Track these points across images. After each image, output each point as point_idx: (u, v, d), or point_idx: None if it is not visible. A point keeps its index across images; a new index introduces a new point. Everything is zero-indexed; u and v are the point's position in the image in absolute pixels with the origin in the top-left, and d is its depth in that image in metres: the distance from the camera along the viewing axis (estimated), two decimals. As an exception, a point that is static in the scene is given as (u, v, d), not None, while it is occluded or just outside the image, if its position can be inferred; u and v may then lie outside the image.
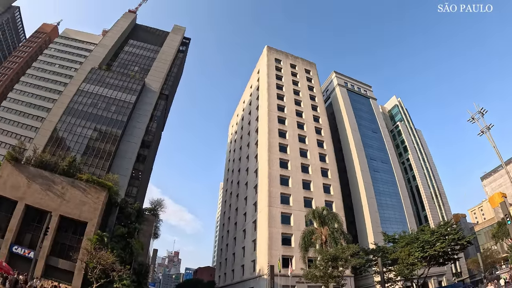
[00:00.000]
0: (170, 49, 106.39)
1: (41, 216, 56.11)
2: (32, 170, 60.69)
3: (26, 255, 52.40)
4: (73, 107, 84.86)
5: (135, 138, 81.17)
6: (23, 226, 56.69)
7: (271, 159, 72.24)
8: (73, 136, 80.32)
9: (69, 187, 58.12)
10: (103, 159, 76.56)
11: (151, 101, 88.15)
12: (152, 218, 70.60)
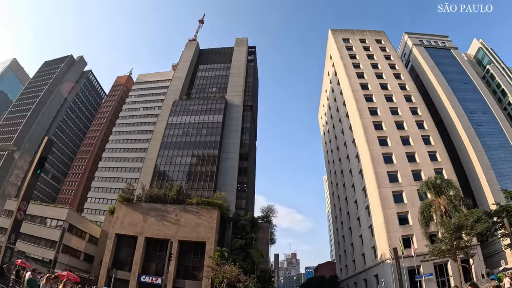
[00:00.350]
0: (239, 62, 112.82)
1: (161, 245, 63.08)
2: (145, 206, 68.83)
3: (154, 282, 58.87)
4: (167, 141, 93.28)
5: (232, 153, 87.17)
6: (146, 257, 64.18)
7: (368, 140, 71.83)
8: (174, 167, 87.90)
9: (182, 213, 64.98)
10: (208, 181, 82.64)
11: (238, 115, 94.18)
12: (266, 225, 74.01)
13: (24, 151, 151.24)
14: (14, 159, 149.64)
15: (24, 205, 23.77)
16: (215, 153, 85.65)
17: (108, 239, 66.87)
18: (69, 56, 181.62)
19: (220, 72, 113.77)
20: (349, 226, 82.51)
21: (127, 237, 66.43)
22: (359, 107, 77.94)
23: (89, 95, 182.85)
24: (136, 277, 60.15)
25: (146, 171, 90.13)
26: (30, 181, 24.91)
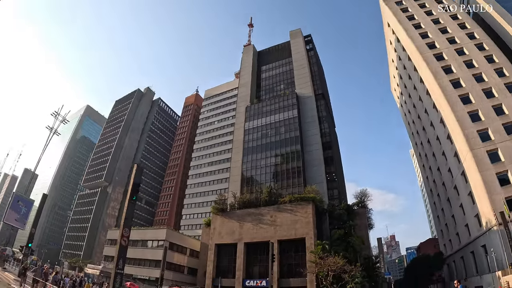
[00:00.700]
0: (299, 53, 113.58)
1: (261, 248, 64.74)
2: (239, 213, 71.40)
3: (259, 285, 61.03)
4: (248, 146, 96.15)
5: (315, 145, 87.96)
6: (248, 261, 66.48)
7: (450, 101, 67.08)
8: (260, 170, 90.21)
9: (276, 213, 66.06)
10: (296, 177, 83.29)
11: (312, 106, 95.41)
12: (362, 210, 72.21)
13: (115, 184, 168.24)
14: (108, 193, 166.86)
15: (126, 232, 25.23)
16: (298, 148, 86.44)
17: (209, 250, 70.08)
18: (136, 90, 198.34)
19: (283, 68, 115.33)
20: (447, 197, 77.81)
21: (227, 245, 69.38)
22: (431, 68, 73.63)
23: (164, 120, 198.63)
24: (241, 282, 62.19)
25: (234, 179, 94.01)
26: (128, 208, 26.94)
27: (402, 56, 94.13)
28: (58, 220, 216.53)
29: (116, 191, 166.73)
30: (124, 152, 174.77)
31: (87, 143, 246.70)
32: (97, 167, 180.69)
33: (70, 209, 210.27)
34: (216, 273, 66.90)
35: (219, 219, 72.81)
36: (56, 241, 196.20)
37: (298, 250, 60.97)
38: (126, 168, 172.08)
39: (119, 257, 24.56)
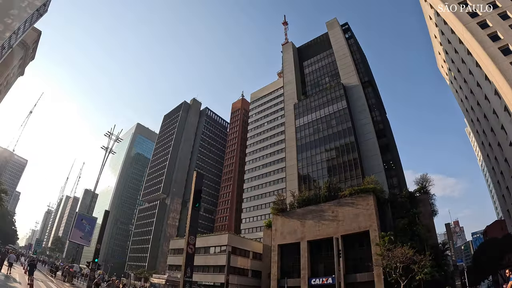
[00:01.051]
0: (339, 43, 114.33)
1: (324, 245, 64.95)
2: (300, 211, 71.60)
3: (324, 283, 60.64)
4: (302, 143, 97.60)
5: (368, 134, 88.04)
6: (312, 260, 66.28)
7: (502, 70, 62.92)
8: (316, 166, 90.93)
9: (337, 208, 66.03)
10: (353, 169, 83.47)
11: (360, 95, 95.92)
12: (425, 196, 68.86)
13: (173, 196, 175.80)
14: (166, 205, 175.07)
15: (192, 239, 25.46)
16: (352, 139, 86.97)
17: (272, 252, 71.25)
18: (183, 103, 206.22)
19: (325, 61, 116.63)
20: (511, 174, 74.46)
21: (289, 245, 70.37)
22: (478, 38, 70.00)
23: (213, 128, 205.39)
24: (306, 281, 62.66)
25: (290, 178, 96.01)
26: (192, 216, 26.68)
27: (444, 30, 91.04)
28: (121, 235, 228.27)
29: (175, 202, 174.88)
30: (178, 164, 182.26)
31: (141, 159, 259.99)
32: (153, 181, 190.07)
33: (131, 223, 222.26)
34: (281, 274, 67.54)
35: (280, 219, 73.54)
36: (120, 255, 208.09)
37: (363, 244, 60.37)
38: (181, 179, 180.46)
39: (186, 265, 25.02)
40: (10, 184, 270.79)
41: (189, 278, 24.69)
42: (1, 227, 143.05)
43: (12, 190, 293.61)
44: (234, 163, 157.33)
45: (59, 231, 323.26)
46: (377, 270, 53.21)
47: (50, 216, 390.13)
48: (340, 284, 53.79)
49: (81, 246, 79.36)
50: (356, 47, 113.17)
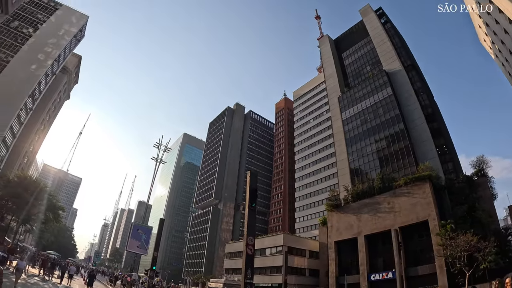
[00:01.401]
0: (375, 29, 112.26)
1: (382, 238, 63.04)
2: (354, 205, 70.45)
3: (385, 278, 58.82)
4: (350, 136, 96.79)
5: (417, 120, 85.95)
6: (370, 255, 64.44)
7: None
8: (367, 157, 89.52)
9: (393, 199, 64.75)
10: (405, 157, 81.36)
11: (404, 80, 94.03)
12: (483, 179, 65.55)
13: (225, 200, 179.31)
14: (219, 210, 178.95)
15: (251, 240, 24.90)
16: (401, 127, 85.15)
17: (329, 249, 70.74)
18: (226, 108, 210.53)
19: (364, 50, 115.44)
20: None
21: (346, 241, 69.84)
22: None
23: (259, 130, 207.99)
24: (366, 277, 61.20)
25: (342, 172, 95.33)
26: (249, 216, 25.98)
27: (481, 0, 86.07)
28: (176, 242, 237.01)
29: (227, 207, 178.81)
30: (228, 169, 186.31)
31: (191, 167, 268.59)
32: (205, 188, 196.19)
33: (186, 230, 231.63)
34: (339, 271, 66.56)
35: (335, 215, 72.86)
36: (177, 262, 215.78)
37: (422, 235, 58.27)
38: (232, 183, 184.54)
39: (246, 266, 24.47)
40: (67, 202, 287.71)
41: (250, 279, 23.93)
42: (61, 242, 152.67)
43: (69, 207, 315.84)
44: (284, 163, 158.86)
45: (117, 243, 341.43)
46: (438, 261, 51.34)
47: (107, 229, 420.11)
48: (401, 278, 52.29)
49: (139, 255, 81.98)
50: (394, 32, 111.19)
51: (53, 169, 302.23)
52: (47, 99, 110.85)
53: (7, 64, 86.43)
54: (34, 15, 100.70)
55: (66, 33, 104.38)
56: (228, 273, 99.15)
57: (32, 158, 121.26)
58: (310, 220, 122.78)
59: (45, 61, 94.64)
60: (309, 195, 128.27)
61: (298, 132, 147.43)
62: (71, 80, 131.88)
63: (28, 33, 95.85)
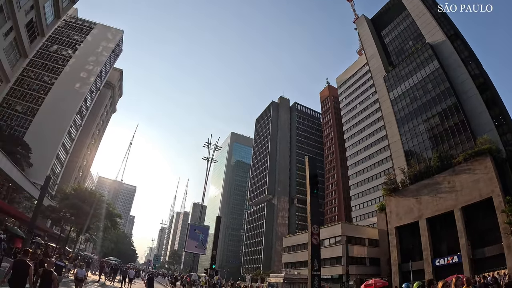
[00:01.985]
0: (412, 2, 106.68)
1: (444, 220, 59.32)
2: (413, 188, 67.23)
3: (450, 262, 54.90)
4: (401, 116, 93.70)
5: (470, 91, 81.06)
6: (433, 239, 60.93)
7: None
8: (420, 136, 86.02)
9: (453, 177, 60.92)
10: (461, 132, 77.19)
11: (450, 51, 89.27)
12: None
13: (279, 195, 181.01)
14: (274, 205, 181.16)
15: (315, 229, 23.61)
16: (453, 100, 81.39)
17: (390, 236, 68.69)
18: (271, 103, 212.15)
19: (403, 25, 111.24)
20: None
21: (407, 226, 67.40)
22: None
23: (306, 121, 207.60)
24: (430, 262, 58.39)
25: (396, 155, 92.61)
26: (312, 204, 24.72)
27: None
28: (233, 241, 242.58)
29: (281, 201, 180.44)
30: (279, 163, 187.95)
31: (242, 165, 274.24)
32: (257, 184, 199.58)
33: (242, 228, 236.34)
34: (401, 258, 63.99)
35: (393, 200, 70.49)
36: (235, 260, 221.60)
37: (487, 214, 53.75)
38: (285, 177, 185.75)
39: (313, 258, 22.88)
40: (124, 210, 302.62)
41: (317, 271, 22.68)
42: (121, 249, 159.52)
43: (126, 215, 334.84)
44: (334, 152, 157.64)
45: (175, 245, 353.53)
46: (506, 241, 47.63)
47: (164, 233, 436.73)
48: (469, 261, 49.68)
49: (197, 255, 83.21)
50: (432, 0, 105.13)
51: (108, 180, 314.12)
52: (95, 115, 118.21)
53: (51, 86, 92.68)
54: (71, 37, 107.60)
55: (104, 49, 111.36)
56: (287, 267, 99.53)
57: (87, 172, 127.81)
58: (366, 207, 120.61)
59: (88, 78, 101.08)
60: (364, 181, 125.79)
61: (346, 119, 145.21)
62: (116, 94, 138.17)
63: (68, 55, 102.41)
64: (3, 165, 43.14)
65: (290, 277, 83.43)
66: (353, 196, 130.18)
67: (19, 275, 10.64)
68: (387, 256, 70.04)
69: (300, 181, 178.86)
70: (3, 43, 37.22)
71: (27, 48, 42.34)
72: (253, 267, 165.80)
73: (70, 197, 55.39)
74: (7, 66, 39.61)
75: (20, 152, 65.99)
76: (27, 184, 56.55)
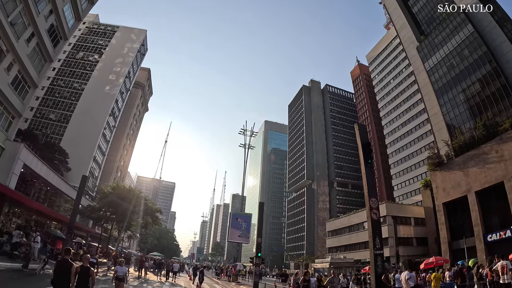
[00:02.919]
0: None
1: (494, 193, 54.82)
2: (459, 160, 62.84)
3: (503, 237, 51.08)
4: (438, 86, 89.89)
5: (508, 53, 75.98)
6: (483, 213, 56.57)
7: None
8: (462, 105, 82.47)
9: (500, 146, 55.41)
10: (504, 98, 72.94)
11: (482, 13, 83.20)
12: None
13: (318, 179, 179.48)
14: (313, 190, 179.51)
15: (374, 202, 21.51)
16: (493, 65, 77.28)
17: (438, 212, 66.03)
18: (302, 87, 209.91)
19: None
20: None
21: (454, 202, 63.78)
22: None
23: (339, 103, 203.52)
24: (482, 239, 54.89)
25: (437, 127, 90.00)
26: (367, 174, 23.30)
27: None
28: (275, 229, 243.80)
29: (321, 185, 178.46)
30: (315, 147, 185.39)
31: (278, 153, 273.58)
32: (295, 170, 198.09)
33: (282, 216, 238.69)
34: (451, 236, 61.01)
35: (439, 174, 67.07)
36: (277, 247, 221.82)
37: None
38: (323, 161, 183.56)
39: (374, 235, 20.50)
40: (165, 207, 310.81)
41: (379, 250, 20.77)
42: (164, 244, 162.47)
43: (167, 211, 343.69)
44: (371, 130, 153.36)
45: (217, 237, 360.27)
46: None
47: (205, 226, 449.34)
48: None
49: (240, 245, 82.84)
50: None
51: (147, 179, 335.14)
52: (128, 115, 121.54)
53: (82, 92, 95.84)
54: (96, 43, 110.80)
55: (130, 50, 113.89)
56: (331, 252, 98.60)
57: (125, 172, 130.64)
58: (409, 185, 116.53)
59: (117, 80, 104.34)
60: (404, 159, 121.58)
61: (380, 96, 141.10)
62: (146, 93, 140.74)
63: (95, 60, 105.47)
64: (39, 169, 44.90)
65: (336, 261, 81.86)
66: (394, 175, 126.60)
67: (62, 274, 10.52)
68: (435, 235, 68.28)
69: (338, 164, 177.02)
70: (26, 50, 38.06)
71: (51, 53, 43.25)
72: (297, 254, 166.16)
73: (109, 196, 55.95)
74: (33, 71, 40.60)
75: (57, 158, 68.53)
76: (65, 187, 58.91)
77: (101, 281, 29.02)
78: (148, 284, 35.50)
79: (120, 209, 53.96)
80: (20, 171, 39.45)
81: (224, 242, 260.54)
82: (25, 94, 40.66)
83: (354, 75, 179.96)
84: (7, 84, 36.22)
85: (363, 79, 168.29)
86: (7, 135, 38.29)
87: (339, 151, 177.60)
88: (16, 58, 36.51)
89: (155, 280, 42.31)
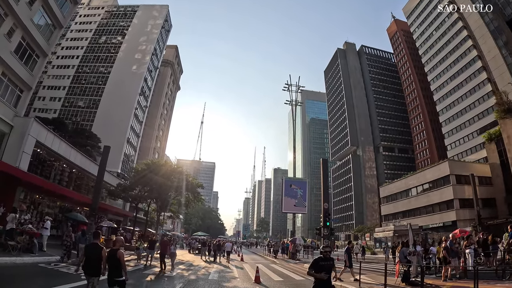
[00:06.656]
0: None
1: None
2: None
3: None
4: (495, 27, 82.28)
5: None
6: None
7: None
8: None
9: None
10: None
11: None
12: None
13: (363, 145, 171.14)
14: (359, 156, 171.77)
15: None
16: None
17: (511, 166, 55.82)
18: (337, 50, 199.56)
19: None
20: None
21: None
22: None
23: (378, 63, 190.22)
24: None
25: (498, 72, 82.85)
26: None
27: None
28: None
29: (366, 151, 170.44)
30: (357, 112, 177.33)
31: (318, 122, 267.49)
32: (338, 137, 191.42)
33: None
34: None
35: (509, 123, 57.34)
36: None
37: None
38: (366, 125, 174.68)
39: None
40: (207, 187, 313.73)
41: None
42: (209, 224, 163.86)
43: (209, 191, 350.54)
44: (416, 89, 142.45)
45: (261, 213, 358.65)
46: None
47: (249, 202, 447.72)
48: None
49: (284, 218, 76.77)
50: None
51: (187, 162, 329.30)
52: (159, 94, 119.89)
53: (108, 75, 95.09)
54: (117, 25, 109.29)
55: (153, 27, 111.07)
56: (387, 219, 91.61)
57: (162, 153, 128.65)
58: (466, 143, 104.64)
59: (143, 58, 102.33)
60: (457, 115, 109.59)
61: (423, 50, 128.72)
62: (176, 71, 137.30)
63: (118, 42, 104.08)
64: (57, 147, 39.56)
65: (400, 229, 74.31)
66: (446, 133, 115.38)
67: (92, 259, 9.71)
68: (504, 194, 61.01)
69: (383, 128, 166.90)
70: (29, 13, 33.75)
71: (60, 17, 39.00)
72: (346, 225, 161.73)
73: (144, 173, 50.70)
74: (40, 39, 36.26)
75: (89, 144, 65.58)
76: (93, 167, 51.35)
77: None
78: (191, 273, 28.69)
79: (156, 185, 49.01)
80: (32, 149, 34.35)
81: (268, 218, 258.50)
82: (34, 64, 36.22)
83: (391, 33, 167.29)
84: (10, 52, 31.73)
85: (402, 35, 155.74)
86: (16, 111, 33.69)
87: (382, 114, 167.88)
88: (17, 22, 31.93)
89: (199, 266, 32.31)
